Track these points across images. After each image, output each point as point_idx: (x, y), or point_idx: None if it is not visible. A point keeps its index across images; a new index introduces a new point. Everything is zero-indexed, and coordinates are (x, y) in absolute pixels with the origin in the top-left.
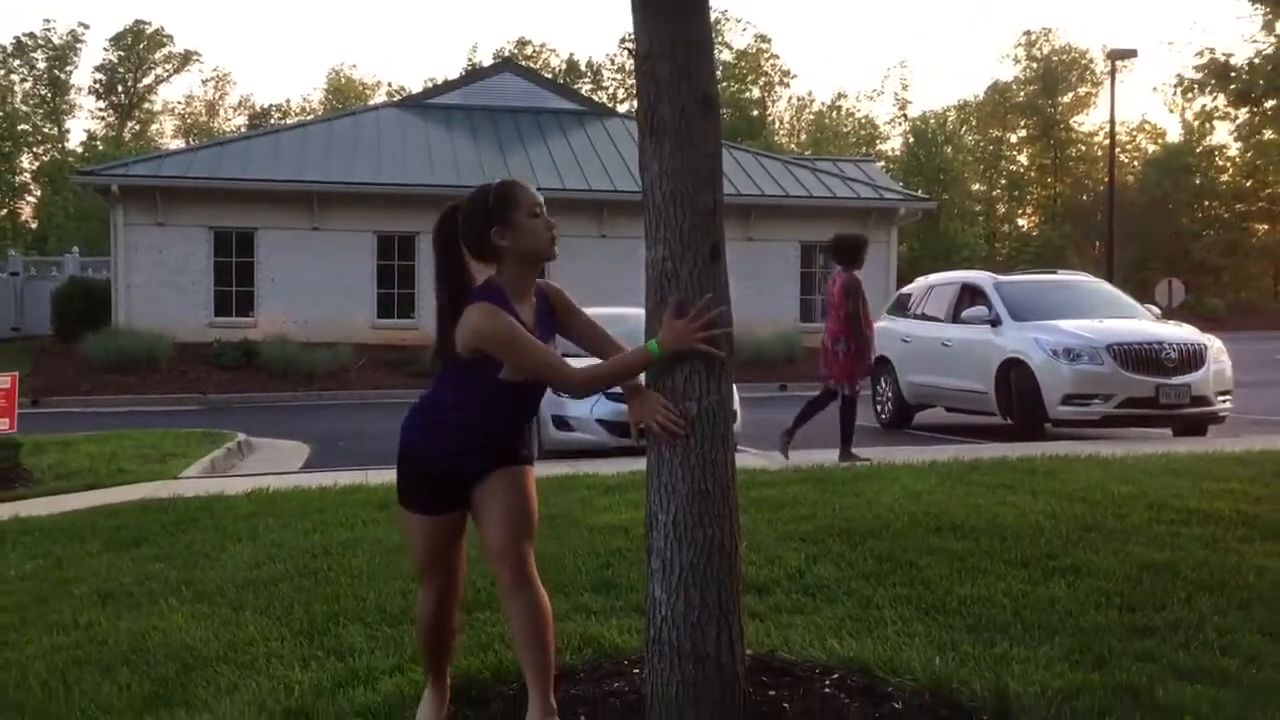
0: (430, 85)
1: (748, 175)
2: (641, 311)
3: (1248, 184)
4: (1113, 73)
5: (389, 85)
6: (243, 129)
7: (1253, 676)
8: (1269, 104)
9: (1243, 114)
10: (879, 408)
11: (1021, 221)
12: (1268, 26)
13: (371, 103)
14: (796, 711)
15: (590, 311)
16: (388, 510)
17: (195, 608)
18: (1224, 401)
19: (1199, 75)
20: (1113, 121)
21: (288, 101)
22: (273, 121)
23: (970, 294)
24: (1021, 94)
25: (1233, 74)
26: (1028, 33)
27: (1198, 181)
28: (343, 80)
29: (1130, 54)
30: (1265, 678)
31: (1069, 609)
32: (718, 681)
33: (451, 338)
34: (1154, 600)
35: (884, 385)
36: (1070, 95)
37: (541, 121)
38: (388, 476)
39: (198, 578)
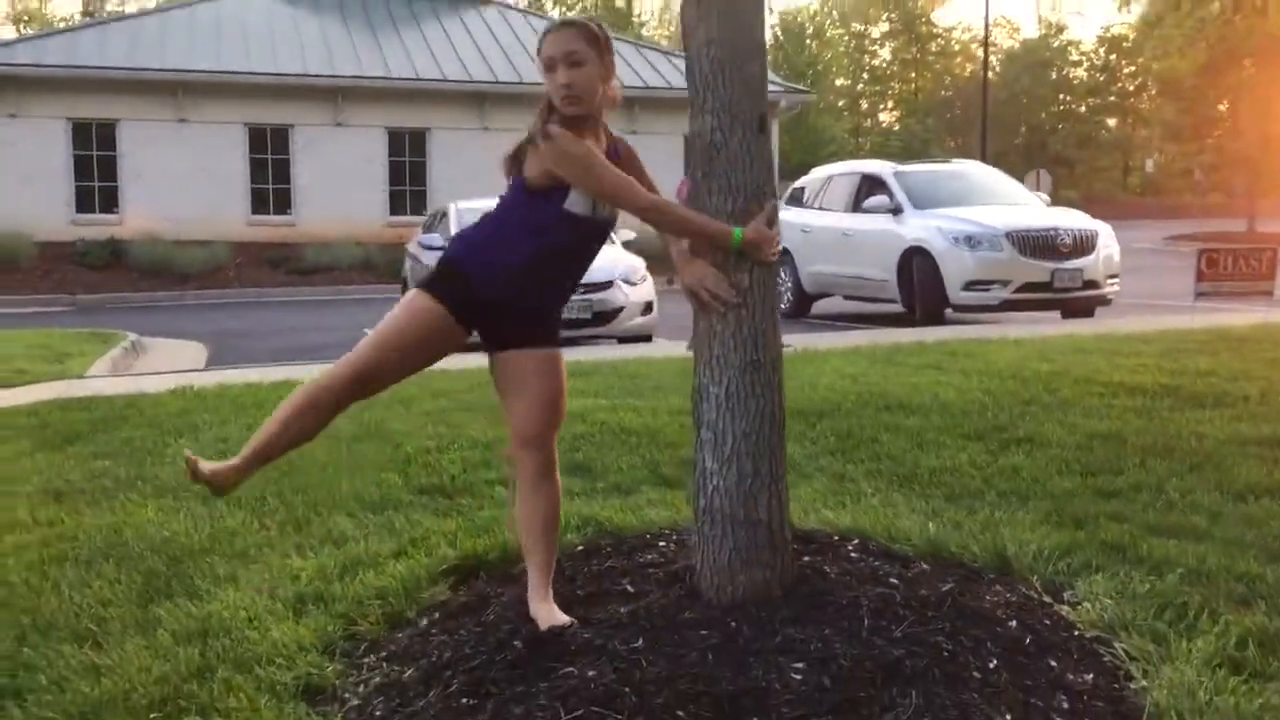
0: None
1: (629, 66)
2: None
3: (1100, 79)
4: None
5: None
6: (75, 16)
7: (1223, 531)
8: None
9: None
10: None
11: (884, 116)
12: None
13: None
14: (838, 574)
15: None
16: None
17: (160, 502)
18: (1112, 285)
19: None
20: (987, 18)
21: None
22: (109, 10)
23: (870, 184)
24: None
25: None
26: None
27: (1053, 76)
28: None
29: None
30: (1234, 532)
31: (1034, 476)
32: (769, 546)
33: (522, 158)
34: (1110, 466)
35: (783, 275)
36: None
37: (415, 8)
38: (307, 370)
39: (151, 473)
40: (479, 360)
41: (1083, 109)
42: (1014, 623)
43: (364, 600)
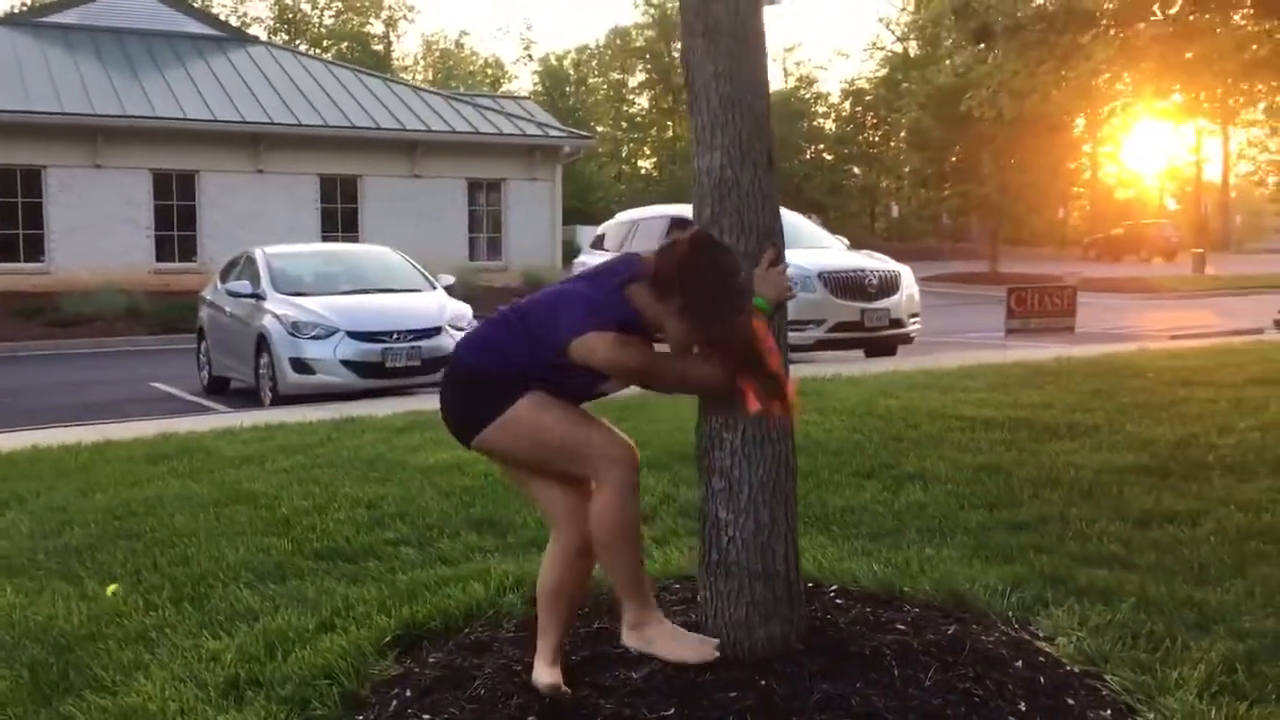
0: (36, 3)
1: (410, 110)
2: (341, 246)
3: (848, 129)
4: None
5: None
6: None
7: (1143, 558)
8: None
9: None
10: None
11: (643, 163)
12: None
13: None
14: (847, 622)
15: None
16: (165, 463)
17: (16, 582)
18: (914, 323)
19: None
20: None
21: None
22: None
23: (681, 227)
24: (640, 39)
25: (972, 9)
26: None
27: (805, 127)
28: None
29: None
30: (1152, 558)
31: (941, 512)
32: (786, 599)
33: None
34: (1006, 498)
35: None
36: None
37: (177, 46)
38: (100, 432)
39: None
40: (317, 412)
41: (831, 158)
42: (1020, 662)
43: (308, 681)
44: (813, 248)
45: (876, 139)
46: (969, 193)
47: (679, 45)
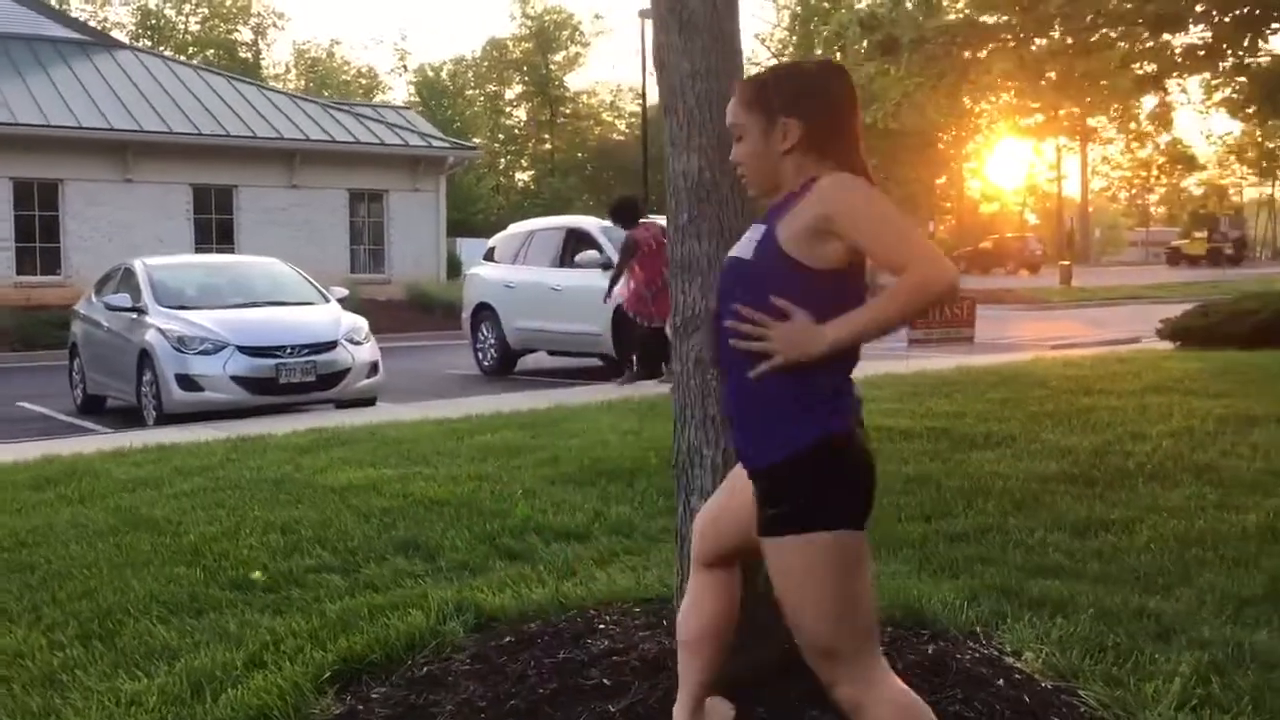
0: None
1: (287, 118)
2: (227, 258)
3: None
4: (642, 31)
5: None
6: None
7: (1087, 568)
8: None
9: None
10: (480, 354)
11: (521, 176)
12: None
13: None
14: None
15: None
16: (52, 489)
17: None
18: None
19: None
20: (645, 77)
21: None
22: None
23: (578, 239)
24: (518, 51)
25: (877, 24)
26: None
27: None
28: None
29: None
30: (1097, 567)
31: (881, 525)
32: (768, 622)
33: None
34: (941, 509)
35: (486, 332)
36: (562, 55)
37: (37, 49)
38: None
39: None
40: (209, 432)
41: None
42: (1001, 681)
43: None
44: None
45: None
46: None
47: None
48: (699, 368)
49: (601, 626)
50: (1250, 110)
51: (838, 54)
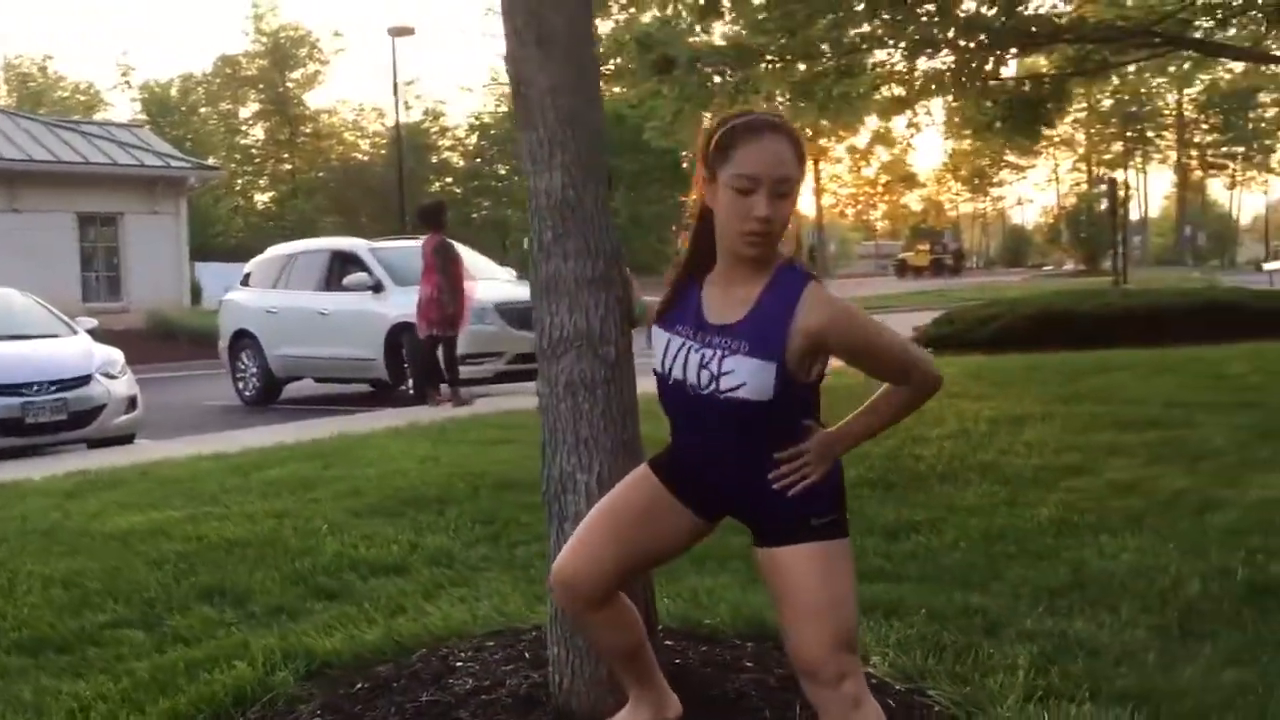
0: None
1: (5, 137)
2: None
3: (477, 163)
4: (394, 50)
5: None
6: None
7: (906, 569)
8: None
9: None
10: (241, 384)
11: (261, 197)
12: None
13: None
14: (698, 664)
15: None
16: None
17: None
18: None
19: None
20: (397, 96)
21: None
22: None
23: (345, 261)
24: (253, 68)
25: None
26: (256, 5)
27: (434, 160)
28: None
29: (409, 31)
30: (915, 569)
31: (708, 540)
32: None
33: None
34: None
35: (246, 361)
36: (300, 72)
37: None
38: None
39: None
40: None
41: (460, 191)
42: None
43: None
44: (486, 279)
45: (504, 172)
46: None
47: (506, 54)
48: (569, 390)
49: (459, 664)
50: (998, 127)
51: (611, 67)
